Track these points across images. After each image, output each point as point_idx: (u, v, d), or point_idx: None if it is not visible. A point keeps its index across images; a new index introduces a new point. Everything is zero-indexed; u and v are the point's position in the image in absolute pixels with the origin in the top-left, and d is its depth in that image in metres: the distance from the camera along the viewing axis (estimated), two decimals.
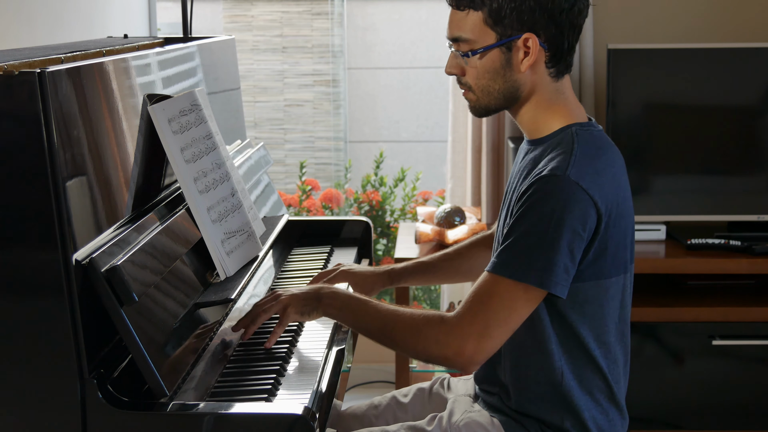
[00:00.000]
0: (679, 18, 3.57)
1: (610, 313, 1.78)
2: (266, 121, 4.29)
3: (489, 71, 1.76)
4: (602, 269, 1.73)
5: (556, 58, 1.75)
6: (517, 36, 1.72)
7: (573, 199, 1.65)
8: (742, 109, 3.35)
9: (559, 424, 1.80)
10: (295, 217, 2.73)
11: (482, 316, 1.66)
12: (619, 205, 1.73)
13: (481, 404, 1.94)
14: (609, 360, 1.80)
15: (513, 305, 1.67)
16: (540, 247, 1.65)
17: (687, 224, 3.39)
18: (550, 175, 1.67)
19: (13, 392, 1.54)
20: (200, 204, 1.88)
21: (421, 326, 1.71)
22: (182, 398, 1.61)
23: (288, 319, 1.86)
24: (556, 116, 1.78)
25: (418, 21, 4.37)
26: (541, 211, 1.65)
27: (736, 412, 3.22)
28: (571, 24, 1.73)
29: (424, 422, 1.91)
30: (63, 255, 1.49)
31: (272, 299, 1.89)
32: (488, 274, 1.69)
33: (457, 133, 3.64)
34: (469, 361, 1.67)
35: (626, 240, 1.76)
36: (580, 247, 1.67)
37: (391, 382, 3.80)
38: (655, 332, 3.16)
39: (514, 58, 1.74)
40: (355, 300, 1.82)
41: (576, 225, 1.65)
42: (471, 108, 1.83)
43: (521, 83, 1.76)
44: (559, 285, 1.66)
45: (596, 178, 1.68)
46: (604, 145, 1.77)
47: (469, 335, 1.66)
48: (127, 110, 1.77)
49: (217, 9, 4.31)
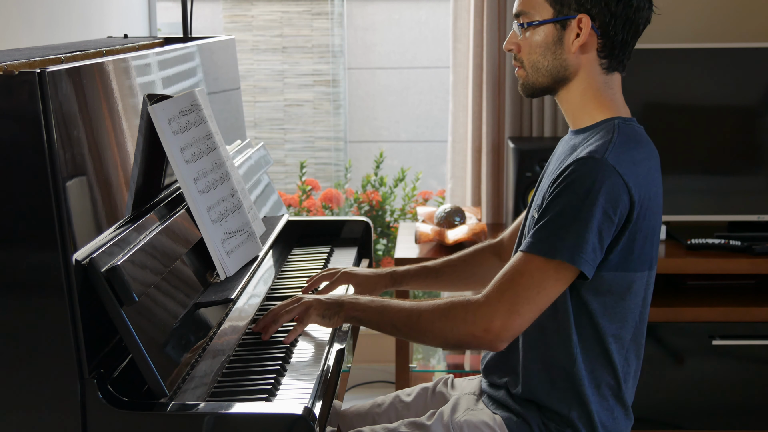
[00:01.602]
0: (679, 18, 3.57)
1: (631, 308, 1.80)
2: (266, 121, 4.29)
3: (541, 45, 1.81)
4: (629, 261, 1.75)
5: (607, 49, 1.79)
6: (573, 15, 1.77)
7: (608, 182, 1.68)
8: (742, 109, 3.35)
9: (566, 414, 1.80)
10: (295, 217, 2.73)
11: (511, 293, 1.69)
12: (652, 199, 1.76)
13: (485, 401, 1.94)
14: (621, 357, 1.81)
15: (543, 283, 1.69)
16: (572, 225, 1.68)
17: (687, 224, 3.39)
18: (587, 156, 1.71)
19: (13, 392, 1.54)
20: (200, 204, 1.88)
21: (448, 309, 1.74)
22: (182, 398, 1.61)
23: (309, 320, 1.88)
24: (602, 108, 1.82)
25: (418, 21, 4.37)
26: (577, 191, 1.69)
27: (736, 412, 3.22)
28: (627, 17, 1.77)
29: (424, 418, 1.91)
30: (63, 255, 1.49)
31: (295, 301, 1.91)
32: (521, 254, 1.72)
33: (457, 133, 3.64)
34: (496, 337, 1.70)
35: (654, 237, 1.79)
36: (609, 231, 1.70)
37: (391, 382, 3.80)
38: (655, 332, 3.16)
39: (566, 37, 1.79)
40: (377, 301, 1.85)
41: (608, 207, 1.68)
42: (521, 86, 1.88)
43: (569, 63, 1.80)
44: (587, 263, 1.69)
45: (632, 167, 1.72)
46: (644, 141, 1.81)
47: (497, 312, 1.69)
48: (127, 110, 1.77)
49: (217, 9, 4.31)
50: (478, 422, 1.85)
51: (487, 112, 3.52)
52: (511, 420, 1.84)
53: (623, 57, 1.82)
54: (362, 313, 1.85)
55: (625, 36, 1.79)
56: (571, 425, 1.80)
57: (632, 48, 1.83)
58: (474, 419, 1.86)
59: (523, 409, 1.84)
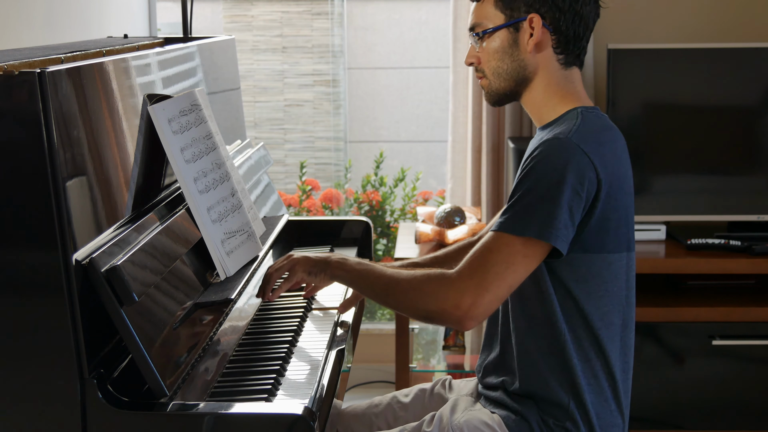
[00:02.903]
0: (679, 18, 3.57)
1: (614, 291, 1.82)
2: (266, 121, 4.29)
3: (498, 51, 1.86)
4: (605, 242, 1.78)
5: (562, 44, 1.85)
6: (523, 17, 1.83)
7: (574, 160, 1.72)
8: (742, 109, 3.35)
9: (565, 404, 1.81)
10: (295, 217, 2.73)
11: (481, 270, 1.72)
12: (621, 179, 1.80)
13: (483, 402, 1.94)
14: (614, 343, 1.83)
15: (511, 259, 1.72)
16: (541, 203, 1.71)
17: (687, 224, 3.39)
18: (552, 138, 1.76)
19: (13, 392, 1.54)
20: (200, 204, 1.88)
21: (422, 282, 1.77)
22: (182, 398, 1.61)
23: (295, 276, 1.96)
24: (564, 100, 1.87)
25: (418, 21, 4.37)
26: (543, 170, 1.73)
27: (736, 412, 3.22)
28: (575, 11, 1.83)
29: (424, 423, 1.91)
30: (63, 255, 1.49)
31: (284, 259, 1.99)
32: (491, 233, 1.76)
33: (457, 133, 3.64)
34: (465, 314, 1.72)
35: (628, 218, 1.83)
36: (578, 207, 1.73)
37: (391, 382, 3.80)
38: (655, 332, 3.16)
39: (520, 39, 1.85)
40: (362, 264, 1.90)
41: (576, 184, 1.72)
42: (485, 95, 1.94)
43: (528, 63, 1.86)
44: (559, 238, 1.71)
45: (598, 147, 1.76)
46: (608, 126, 1.86)
47: (467, 288, 1.72)
48: (127, 110, 1.77)
49: (217, 9, 4.31)
50: (477, 422, 1.85)
51: (487, 112, 3.52)
52: (509, 418, 1.84)
53: (578, 51, 1.88)
54: (347, 274, 1.91)
55: (576, 30, 1.85)
56: (570, 417, 1.81)
57: (586, 42, 1.89)
58: (473, 419, 1.86)
59: (521, 407, 1.84)
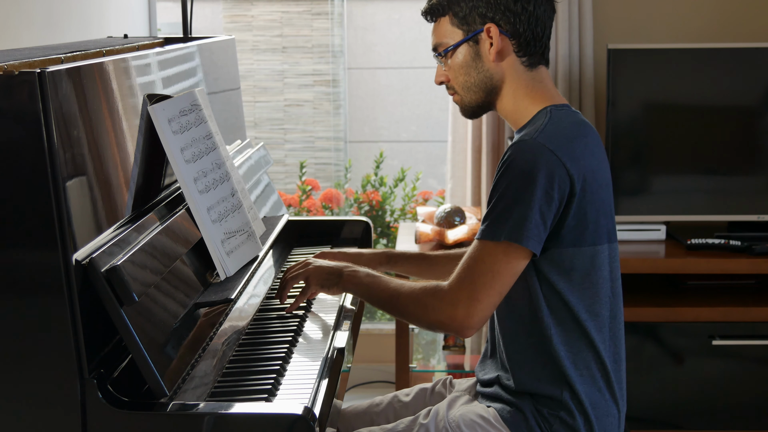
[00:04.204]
0: (679, 18, 3.57)
1: (599, 283, 1.83)
2: (266, 121, 4.29)
3: (463, 66, 1.89)
4: (584, 236, 1.80)
5: (523, 47, 1.87)
6: (480, 29, 1.86)
7: (542, 160, 1.74)
8: (742, 109, 3.35)
9: (558, 396, 1.82)
10: (295, 217, 2.73)
11: (468, 281, 1.76)
12: (595, 173, 1.81)
13: (480, 399, 1.95)
14: (602, 335, 1.85)
15: (495, 267, 1.75)
16: (514, 206, 1.74)
17: (687, 224, 3.39)
18: (519, 141, 1.78)
19: (13, 392, 1.54)
20: (200, 204, 1.88)
21: (420, 295, 1.82)
22: (182, 398, 1.61)
23: (310, 289, 2.02)
24: (535, 102, 1.88)
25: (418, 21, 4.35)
26: (512, 174, 1.75)
27: (736, 412, 3.22)
28: (529, 12, 1.85)
29: (420, 416, 1.93)
30: (63, 255, 1.49)
31: (301, 266, 2.04)
32: (475, 242, 1.80)
33: (457, 133, 3.64)
34: (461, 325, 1.77)
35: (608, 210, 1.84)
36: (550, 207, 1.75)
37: (391, 382, 3.80)
38: (655, 332, 3.16)
39: (482, 50, 1.87)
40: (370, 276, 1.94)
41: (545, 184, 1.74)
42: (461, 110, 1.97)
43: (493, 72, 1.88)
44: (531, 240, 1.74)
45: (566, 144, 1.78)
46: (578, 121, 1.86)
47: (459, 300, 1.76)
48: (127, 110, 1.77)
49: (217, 9, 4.31)
50: (472, 416, 1.87)
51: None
52: (504, 410, 1.86)
53: (541, 49, 1.89)
54: (356, 287, 1.96)
55: (534, 31, 1.86)
56: (564, 407, 1.82)
57: (548, 40, 1.89)
58: (468, 413, 1.88)
59: (515, 399, 1.86)
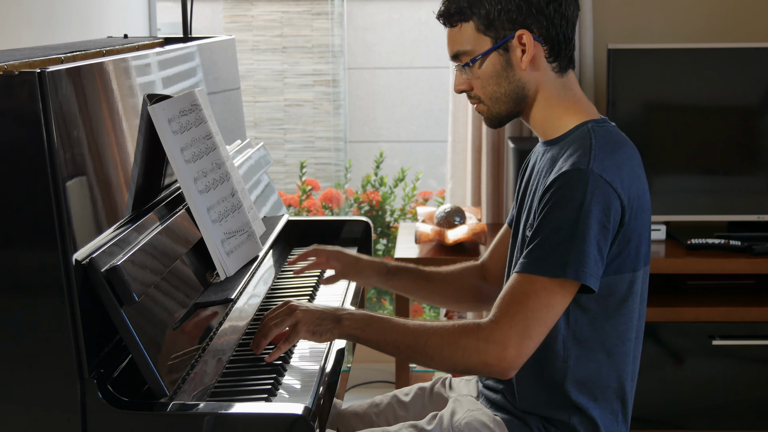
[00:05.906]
0: (679, 18, 3.57)
1: (633, 307, 1.78)
2: (266, 121, 4.29)
3: (492, 76, 1.78)
4: (626, 262, 1.73)
5: (555, 52, 1.77)
6: (511, 36, 1.75)
7: (598, 192, 1.65)
8: (742, 109, 3.35)
9: (566, 420, 1.79)
10: (295, 217, 2.73)
11: (521, 317, 1.64)
12: (639, 197, 1.73)
13: (484, 403, 1.94)
14: (627, 357, 1.80)
15: (550, 302, 1.65)
16: (571, 241, 1.65)
17: (687, 224, 3.38)
18: (572, 169, 1.67)
19: (13, 392, 1.54)
20: (200, 204, 1.88)
21: (458, 336, 1.67)
22: (182, 398, 1.61)
23: (298, 337, 1.77)
24: (569, 113, 1.79)
25: (418, 21, 4.37)
26: (568, 206, 1.66)
27: (736, 412, 3.22)
28: (561, 14, 1.75)
29: (424, 421, 1.91)
30: (63, 255, 1.49)
31: (285, 312, 1.80)
32: (520, 275, 1.68)
33: (457, 133, 3.64)
34: (510, 365, 1.66)
35: (647, 233, 1.77)
36: (606, 241, 1.67)
37: (391, 382, 3.80)
38: (655, 332, 3.16)
39: (513, 58, 1.76)
40: (377, 318, 1.75)
41: (602, 218, 1.66)
42: (486, 120, 1.84)
43: (526, 81, 1.78)
44: (592, 277, 1.66)
45: (617, 170, 1.69)
46: (621, 140, 1.78)
47: (510, 338, 1.64)
48: (127, 110, 1.77)
49: (217, 9, 4.31)
50: (478, 424, 1.84)
51: None
52: (512, 422, 1.83)
53: (570, 52, 1.80)
54: (360, 332, 1.75)
55: (566, 33, 1.77)
56: (573, 430, 1.80)
57: (574, 40, 1.80)
58: (473, 421, 1.85)
59: (522, 414, 1.84)
